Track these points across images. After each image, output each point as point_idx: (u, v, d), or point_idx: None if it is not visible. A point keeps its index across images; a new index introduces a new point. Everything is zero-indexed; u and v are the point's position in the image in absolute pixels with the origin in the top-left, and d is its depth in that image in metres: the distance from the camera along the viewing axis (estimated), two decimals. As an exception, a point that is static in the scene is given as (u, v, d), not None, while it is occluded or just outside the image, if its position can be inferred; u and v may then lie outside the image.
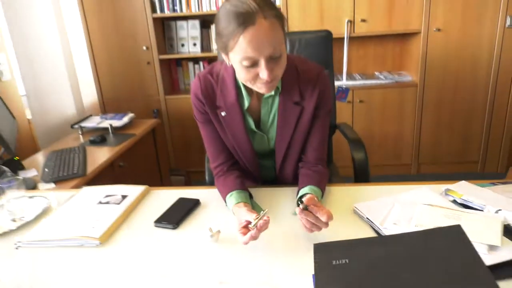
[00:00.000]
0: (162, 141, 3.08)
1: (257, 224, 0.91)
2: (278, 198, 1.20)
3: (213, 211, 1.17)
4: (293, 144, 1.22)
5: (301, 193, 1.09)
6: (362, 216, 1.06)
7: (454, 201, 1.08)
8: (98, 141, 2.21)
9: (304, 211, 0.93)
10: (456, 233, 0.65)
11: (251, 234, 0.91)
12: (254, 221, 0.92)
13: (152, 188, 1.34)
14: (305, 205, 0.93)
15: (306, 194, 1.03)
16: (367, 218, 1.04)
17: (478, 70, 2.76)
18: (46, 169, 1.81)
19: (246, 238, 0.92)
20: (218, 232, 1.00)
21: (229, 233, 1.01)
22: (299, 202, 1.01)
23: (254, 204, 1.15)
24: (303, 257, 0.88)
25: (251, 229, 0.92)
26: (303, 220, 0.94)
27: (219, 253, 0.96)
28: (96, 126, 2.46)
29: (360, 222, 1.05)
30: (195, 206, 1.18)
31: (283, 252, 0.94)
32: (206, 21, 3.09)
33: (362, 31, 2.80)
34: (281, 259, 0.91)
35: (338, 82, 2.89)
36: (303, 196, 1.03)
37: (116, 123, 2.45)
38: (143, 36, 2.92)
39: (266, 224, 0.93)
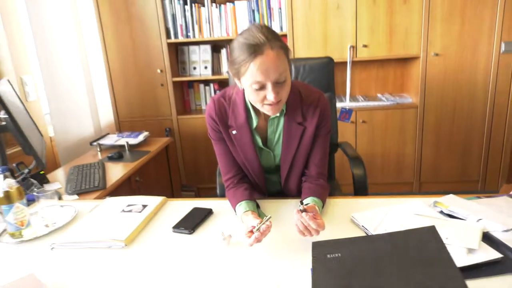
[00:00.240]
0: (174, 158, 3.23)
1: (260, 228, 1.04)
2: (283, 209, 1.33)
3: (225, 219, 1.30)
4: (297, 160, 1.36)
5: (304, 202, 1.22)
6: (358, 224, 1.18)
7: (441, 212, 1.21)
8: (116, 158, 2.36)
9: (301, 213, 1.06)
10: (431, 232, 0.78)
11: (255, 237, 1.04)
12: (258, 226, 1.05)
13: (169, 199, 1.48)
14: (304, 209, 1.06)
15: (309, 203, 1.17)
16: (363, 226, 1.16)
17: (476, 93, 2.90)
18: (69, 183, 1.96)
19: (251, 241, 1.04)
20: (230, 237, 1.13)
21: (239, 237, 1.13)
22: (300, 204, 1.13)
23: (261, 213, 1.28)
24: (303, 256, 1.00)
25: (255, 233, 1.05)
26: (298, 222, 1.06)
27: (230, 254, 1.09)
28: (113, 144, 2.62)
29: (357, 230, 1.17)
30: (208, 215, 1.31)
31: (286, 253, 1.07)
32: (217, 46, 3.28)
33: (364, 56, 2.96)
34: (284, 258, 1.04)
35: (342, 104, 3.04)
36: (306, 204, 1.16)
37: (132, 141, 2.61)
38: (158, 60, 3.11)
39: (269, 229, 1.06)
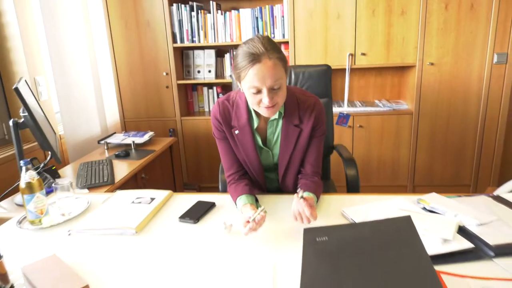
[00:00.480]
0: (177, 158, 3.35)
1: (256, 219, 1.16)
2: (280, 204, 1.45)
3: (226, 211, 1.42)
4: (293, 159, 1.48)
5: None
6: (348, 218, 1.30)
7: (424, 208, 1.32)
8: (123, 155, 2.49)
9: (300, 200, 1.19)
10: (406, 221, 0.89)
11: (249, 227, 1.16)
12: (253, 216, 1.17)
13: (175, 193, 1.59)
14: (303, 196, 1.20)
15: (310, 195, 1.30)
16: (351, 219, 1.28)
17: (469, 101, 3.02)
18: (79, 178, 2.08)
19: (246, 230, 1.16)
20: (231, 226, 1.25)
21: (239, 227, 1.25)
22: (301, 191, 1.25)
23: (259, 206, 1.40)
24: (296, 243, 1.12)
25: (250, 223, 1.16)
26: (294, 206, 1.20)
27: (232, 241, 1.20)
28: (120, 142, 2.75)
29: (346, 222, 1.29)
30: (212, 207, 1.43)
31: (281, 240, 1.19)
32: (221, 51, 3.42)
33: (362, 63, 3.08)
34: (279, 244, 1.16)
35: (340, 109, 3.17)
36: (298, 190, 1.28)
37: (138, 140, 2.73)
38: (164, 63, 3.24)
39: (263, 219, 1.18)
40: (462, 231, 1.16)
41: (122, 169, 2.26)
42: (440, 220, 1.20)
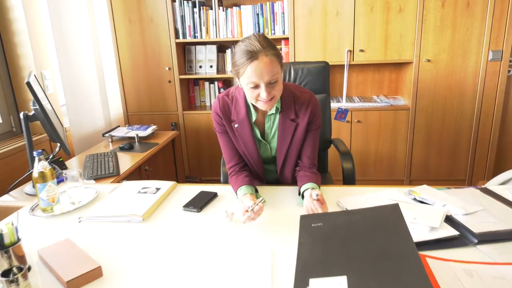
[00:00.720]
0: (179, 151, 3.43)
1: (254, 209, 1.24)
2: (279, 195, 1.53)
3: (228, 201, 1.50)
4: (290, 152, 1.56)
5: (306, 187, 1.42)
6: (343, 207, 1.38)
7: (414, 199, 1.40)
8: (127, 148, 2.56)
9: (315, 200, 1.27)
10: (394, 209, 0.97)
11: (248, 216, 1.24)
12: (252, 206, 1.25)
13: (179, 184, 1.67)
14: (317, 197, 1.27)
15: (314, 189, 1.36)
16: (346, 209, 1.35)
17: (464, 97, 3.09)
18: (86, 169, 2.16)
19: (244, 219, 1.24)
20: (232, 214, 1.33)
21: (239, 215, 1.33)
22: (314, 193, 1.31)
23: (258, 197, 1.48)
24: (293, 230, 1.17)
25: (249, 212, 1.24)
26: (311, 205, 1.28)
27: (233, 228, 1.28)
28: (124, 136, 2.82)
29: (341, 212, 1.37)
30: (214, 197, 1.51)
31: (279, 227, 1.27)
32: (222, 47, 3.48)
33: (361, 60, 3.15)
34: (277, 231, 1.24)
35: (338, 104, 3.24)
36: (311, 189, 1.35)
37: (142, 133, 2.81)
38: (166, 58, 3.31)
39: (261, 209, 1.26)
40: (449, 220, 1.24)
41: (127, 161, 2.34)
42: (429, 210, 1.28)
